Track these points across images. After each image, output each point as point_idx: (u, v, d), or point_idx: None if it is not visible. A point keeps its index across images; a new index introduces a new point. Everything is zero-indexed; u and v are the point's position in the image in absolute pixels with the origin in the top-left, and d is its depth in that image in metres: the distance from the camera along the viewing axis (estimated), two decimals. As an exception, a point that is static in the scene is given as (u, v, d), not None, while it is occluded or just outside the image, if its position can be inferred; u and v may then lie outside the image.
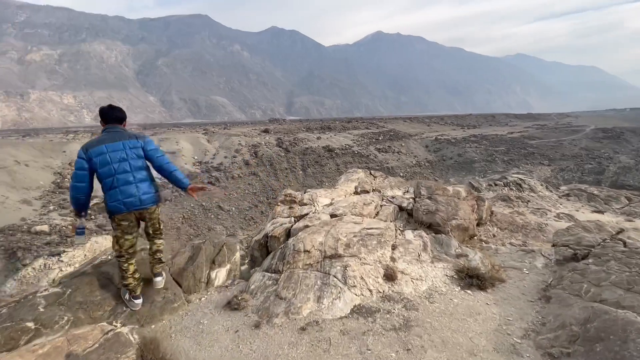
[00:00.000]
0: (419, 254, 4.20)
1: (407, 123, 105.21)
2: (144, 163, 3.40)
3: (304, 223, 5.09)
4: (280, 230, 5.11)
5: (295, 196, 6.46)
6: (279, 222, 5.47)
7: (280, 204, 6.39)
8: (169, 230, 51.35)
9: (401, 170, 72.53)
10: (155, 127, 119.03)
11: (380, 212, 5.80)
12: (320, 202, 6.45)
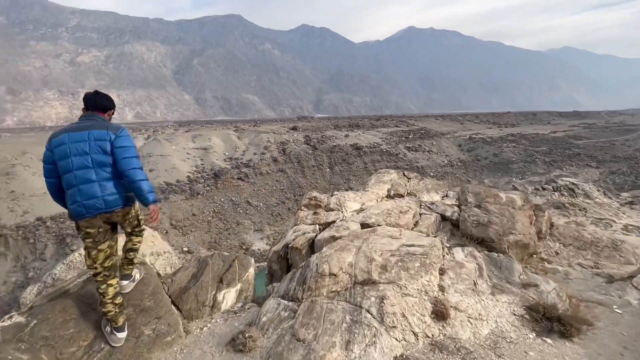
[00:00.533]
0: (474, 282, 3.32)
1: (439, 121, 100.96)
2: (111, 159, 2.83)
3: (330, 233, 4.39)
4: (302, 240, 4.46)
5: (320, 200, 5.78)
6: (302, 230, 4.81)
7: (303, 209, 5.73)
8: (200, 224, 53.09)
9: (431, 169, 69.63)
10: (189, 124, 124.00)
11: (419, 222, 4.95)
12: (349, 207, 5.72)
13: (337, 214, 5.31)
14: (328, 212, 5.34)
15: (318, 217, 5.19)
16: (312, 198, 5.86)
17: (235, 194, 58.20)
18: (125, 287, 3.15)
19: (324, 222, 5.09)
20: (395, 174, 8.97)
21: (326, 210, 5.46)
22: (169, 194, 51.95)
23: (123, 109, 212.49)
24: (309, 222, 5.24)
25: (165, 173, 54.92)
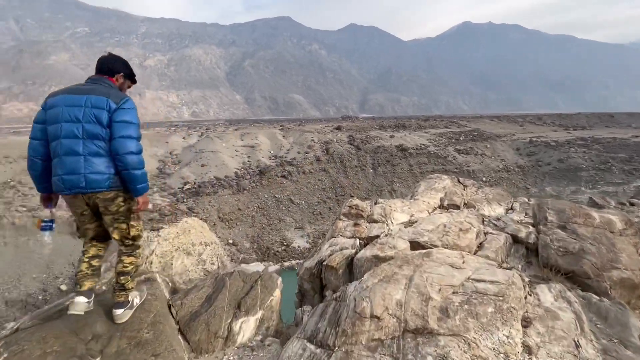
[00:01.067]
0: (575, 343, 2.37)
1: (495, 122, 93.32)
2: (107, 133, 2.40)
3: (373, 252, 3.73)
4: (339, 258, 3.86)
5: (362, 208, 5.12)
6: (339, 245, 4.22)
7: (342, 218, 5.10)
8: (245, 218, 55.10)
9: (484, 174, 64.37)
10: (239, 122, 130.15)
11: (484, 243, 4.03)
12: (396, 218, 5.01)
13: (382, 226, 4.63)
14: (371, 224, 4.70)
15: (359, 230, 4.57)
16: (353, 206, 5.19)
17: (278, 191, 59.44)
18: (121, 317, 2.61)
19: (366, 236, 4.45)
20: (449, 181, 7.95)
21: (369, 222, 4.81)
22: (217, 188, 54.67)
23: (181, 108, 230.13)
24: (348, 235, 4.63)
25: (215, 169, 57.97)
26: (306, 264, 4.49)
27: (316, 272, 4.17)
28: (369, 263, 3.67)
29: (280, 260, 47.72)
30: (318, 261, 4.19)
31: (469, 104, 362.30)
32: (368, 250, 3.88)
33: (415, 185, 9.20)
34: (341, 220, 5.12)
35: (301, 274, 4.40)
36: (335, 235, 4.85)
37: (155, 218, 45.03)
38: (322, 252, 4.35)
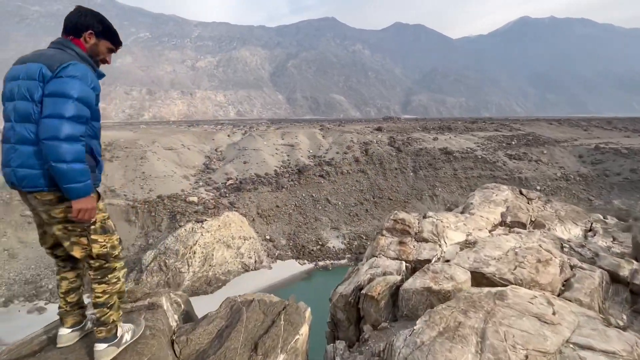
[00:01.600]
0: None
1: (554, 126, 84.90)
2: (40, 110, 1.78)
3: (425, 282, 3.08)
4: (381, 286, 3.24)
5: (409, 223, 4.43)
6: (381, 268, 3.62)
7: (385, 234, 4.44)
8: (282, 215, 55.94)
9: (538, 182, 58.65)
10: (280, 122, 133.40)
11: (573, 281, 3.13)
12: (450, 237, 4.22)
13: (434, 247, 4.00)
14: (420, 244, 4.06)
15: (405, 250, 3.92)
16: (399, 221, 4.50)
17: (315, 191, 59.58)
18: (101, 355, 2.06)
19: (414, 259, 3.84)
20: (510, 192, 6.96)
21: (417, 240, 4.18)
22: (257, 185, 56.25)
23: (227, 107, 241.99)
24: (392, 255, 4.00)
25: (256, 166, 59.72)
26: (341, 290, 3.89)
27: (353, 300, 3.59)
28: (419, 297, 3.03)
29: (314, 259, 47.65)
30: (355, 287, 3.58)
31: (523, 105, 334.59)
32: (418, 280, 3.20)
33: (468, 195, 8.10)
34: (384, 237, 4.46)
35: (335, 301, 3.83)
36: (376, 253, 4.19)
37: (199, 211, 47.45)
38: (360, 276, 3.73)
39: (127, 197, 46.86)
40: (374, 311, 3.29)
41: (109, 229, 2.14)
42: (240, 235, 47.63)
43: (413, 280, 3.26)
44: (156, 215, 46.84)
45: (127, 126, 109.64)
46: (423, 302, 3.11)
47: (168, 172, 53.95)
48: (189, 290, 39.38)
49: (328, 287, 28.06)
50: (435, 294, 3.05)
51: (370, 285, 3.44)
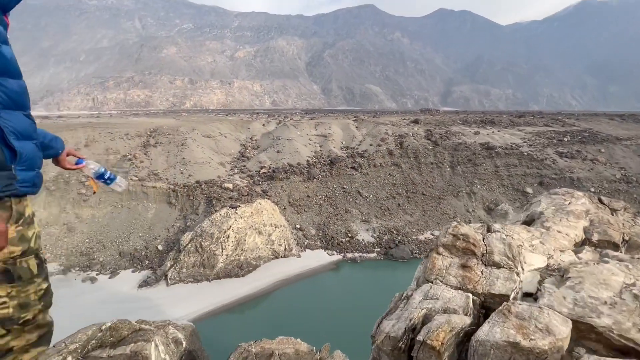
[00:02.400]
0: None
1: (616, 122, 76.73)
2: None
3: (508, 333, 2.47)
4: (445, 333, 2.71)
5: (474, 241, 3.79)
6: (441, 301, 3.08)
7: (442, 252, 3.87)
8: (313, 205, 56.42)
9: (593, 184, 53.83)
10: (314, 112, 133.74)
11: None
12: (528, 261, 3.66)
13: (509, 276, 3.25)
14: (490, 270, 3.42)
15: (471, 277, 3.35)
16: (460, 236, 3.81)
17: (347, 182, 59.50)
18: None
19: (485, 292, 3.13)
20: (587, 199, 5.72)
21: (485, 263, 3.51)
22: (290, 174, 57.34)
23: (263, 97, 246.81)
24: (453, 283, 3.34)
25: (289, 155, 60.76)
26: (387, 328, 3.18)
27: (404, 346, 2.96)
28: (500, 353, 2.30)
29: (343, 250, 47.96)
30: (407, 327, 3.00)
31: (580, 98, 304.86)
32: (498, 328, 2.50)
33: (530, 201, 7.16)
34: (440, 256, 3.73)
35: (379, 343, 3.19)
36: (431, 278, 3.50)
37: (234, 197, 49.48)
38: (412, 309, 3.14)
39: (168, 181, 50.07)
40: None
41: (23, 273, 1.38)
42: (272, 223, 49.11)
43: (490, 329, 2.60)
44: (194, 199, 49.64)
45: (170, 114, 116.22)
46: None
47: (206, 158, 56.70)
48: (222, 273, 41.61)
49: (355, 279, 28.36)
50: (524, 352, 2.33)
51: (428, 329, 2.79)
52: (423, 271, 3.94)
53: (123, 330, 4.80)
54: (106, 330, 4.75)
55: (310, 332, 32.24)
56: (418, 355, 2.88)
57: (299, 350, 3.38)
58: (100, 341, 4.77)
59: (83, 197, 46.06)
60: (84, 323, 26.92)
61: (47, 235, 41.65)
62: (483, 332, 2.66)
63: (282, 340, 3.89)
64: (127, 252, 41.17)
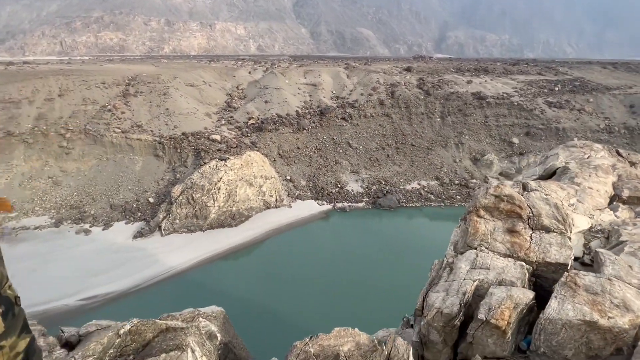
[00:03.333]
0: None
1: (607, 70, 75.94)
2: None
3: (582, 311, 2.34)
4: (509, 311, 2.54)
5: (520, 203, 3.46)
6: (494, 272, 2.86)
7: (484, 215, 3.50)
8: (302, 157, 56.37)
9: (577, 134, 54.95)
10: (303, 59, 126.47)
11: None
12: (577, 222, 3.47)
13: (562, 242, 2.96)
14: (540, 234, 3.13)
15: (521, 244, 3.07)
16: (505, 197, 3.46)
17: (337, 134, 58.90)
18: None
19: (538, 261, 2.91)
20: (606, 152, 5.67)
21: (533, 227, 3.21)
22: (279, 125, 56.12)
23: (248, 42, 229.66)
24: (501, 250, 3.07)
25: (277, 106, 58.81)
26: (437, 303, 2.97)
27: (460, 322, 2.89)
28: (573, 332, 2.14)
29: (333, 200, 49.31)
30: (462, 304, 2.82)
31: (576, 45, 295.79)
32: (569, 306, 2.29)
33: (547, 155, 6.82)
34: (482, 219, 3.38)
35: (430, 320, 2.99)
36: (474, 243, 3.22)
37: (222, 149, 48.71)
38: (461, 281, 2.89)
39: (153, 133, 48.41)
40: (493, 342, 2.57)
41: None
42: (262, 175, 49.30)
43: (560, 306, 2.37)
44: (181, 151, 48.67)
45: (148, 59, 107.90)
46: (577, 341, 2.21)
47: (191, 109, 54.33)
48: (215, 223, 42.65)
49: (345, 227, 29.57)
50: (600, 332, 2.12)
51: (489, 306, 2.59)
52: (461, 235, 3.71)
53: (147, 333, 4.24)
54: (125, 334, 4.17)
55: (303, 278, 34.54)
56: (475, 333, 2.71)
57: (360, 342, 3.47)
58: (121, 349, 4.10)
59: (65, 150, 44.53)
60: (84, 273, 27.61)
61: (33, 189, 40.98)
62: (553, 310, 2.48)
63: (340, 333, 3.84)
64: (118, 205, 41.28)
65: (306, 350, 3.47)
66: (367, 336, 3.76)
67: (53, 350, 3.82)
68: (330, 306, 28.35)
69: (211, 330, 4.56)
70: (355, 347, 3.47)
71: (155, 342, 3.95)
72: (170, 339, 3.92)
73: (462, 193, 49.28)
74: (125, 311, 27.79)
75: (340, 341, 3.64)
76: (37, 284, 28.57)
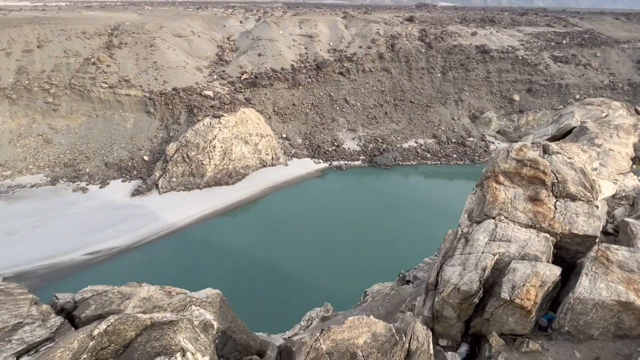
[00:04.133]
0: None
1: (619, 22, 71.99)
2: None
3: (617, 291, 2.18)
4: (535, 289, 2.33)
5: (544, 168, 3.19)
6: (515, 245, 2.65)
7: (502, 180, 3.23)
8: (298, 114, 55.16)
9: (579, 90, 53.81)
10: (298, 6, 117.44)
11: None
12: (604, 188, 3.25)
13: (590, 211, 2.79)
14: (565, 202, 2.94)
15: (544, 213, 2.87)
16: (528, 162, 3.21)
17: (334, 89, 56.92)
18: None
19: (564, 232, 2.71)
20: (625, 110, 5.27)
21: (556, 195, 3.04)
22: (273, 80, 53.88)
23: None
24: (522, 220, 2.88)
25: (271, 59, 55.88)
26: (454, 278, 2.77)
27: (478, 299, 2.75)
28: (604, 312, 2.09)
29: (329, 159, 49.25)
30: (482, 280, 2.61)
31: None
32: (602, 285, 2.17)
33: (561, 113, 6.50)
34: (502, 186, 3.13)
35: (445, 296, 2.81)
36: (492, 213, 2.99)
37: (215, 105, 47.20)
38: (479, 254, 2.66)
39: (142, 89, 46.32)
40: (514, 320, 2.44)
41: None
42: (257, 132, 48.43)
43: (592, 284, 2.25)
44: (173, 108, 47.04)
45: (130, 6, 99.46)
46: (606, 321, 2.14)
47: (180, 62, 51.44)
48: (212, 181, 42.81)
49: (341, 185, 29.74)
50: (635, 312, 2.06)
51: (513, 283, 2.39)
52: (477, 203, 3.28)
53: (128, 332, 3.49)
54: (101, 335, 3.40)
55: (300, 235, 35.66)
56: (495, 312, 2.46)
57: (376, 332, 3.05)
58: (96, 353, 3.42)
59: (52, 106, 42.86)
60: (86, 229, 28.05)
61: (24, 147, 40.17)
62: (584, 289, 2.29)
63: (354, 323, 3.32)
64: (113, 163, 40.91)
65: (317, 348, 2.98)
66: (383, 324, 3.32)
67: (47, 318, 3.55)
68: (327, 261, 29.72)
69: (206, 319, 4.03)
70: (372, 339, 3.05)
71: (137, 343, 3.32)
72: (155, 339, 3.30)
73: (458, 151, 49.33)
74: (129, 266, 29.01)
75: (354, 333, 3.17)
76: (41, 239, 29.30)
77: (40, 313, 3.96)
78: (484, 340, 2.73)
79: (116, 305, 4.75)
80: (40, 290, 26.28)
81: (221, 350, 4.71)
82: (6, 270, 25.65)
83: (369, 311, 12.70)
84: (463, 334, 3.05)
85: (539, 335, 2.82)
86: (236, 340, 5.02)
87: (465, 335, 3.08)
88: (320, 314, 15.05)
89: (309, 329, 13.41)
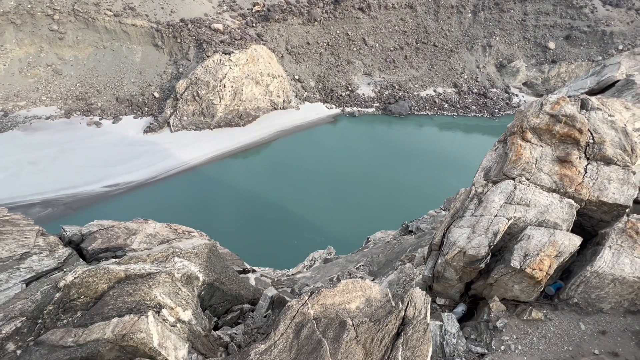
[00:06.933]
0: None
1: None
2: None
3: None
4: (549, 259, 2.10)
5: (581, 125, 2.70)
6: (534, 210, 2.31)
7: (530, 137, 2.76)
8: (313, 54, 52.28)
9: (624, 40, 48.59)
10: None
11: None
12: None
13: (625, 178, 2.46)
14: (597, 166, 2.57)
15: (571, 177, 2.48)
16: (563, 118, 2.72)
17: (352, 28, 52.54)
18: None
19: (591, 199, 2.40)
20: None
21: (589, 158, 2.66)
22: (287, 14, 49.76)
23: None
24: (546, 183, 2.52)
25: (285, -11, 50.81)
26: (461, 241, 2.48)
27: (485, 265, 2.49)
28: (621, 289, 1.91)
29: (342, 104, 47.63)
30: (492, 246, 2.32)
31: None
32: (626, 260, 1.90)
33: (605, 64, 5.81)
34: (528, 143, 2.69)
35: (449, 258, 2.58)
36: (513, 173, 2.59)
37: (225, 41, 44.57)
38: (492, 218, 2.33)
39: (149, 18, 43.61)
40: (520, 288, 2.20)
41: None
42: (269, 73, 46.33)
43: (615, 259, 1.97)
44: (182, 41, 44.66)
45: None
46: (622, 297, 1.87)
47: (187, -12, 47.43)
48: (223, 122, 42.47)
49: (352, 132, 29.32)
50: None
51: (525, 252, 2.13)
52: (497, 161, 2.98)
53: (99, 284, 3.12)
54: (67, 287, 3.08)
55: (309, 178, 36.20)
56: (501, 278, 2.18)
57: (370, 297, 2.76)
58: (64, 305, 3.11)
59: (57, 34, 41.21)
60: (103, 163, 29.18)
61: (35, 77, 39.80)
62: (605, 263, 1.99)
63: (348, 287, 2.92)
64: (124, 98, 40.56)
65: (304, 312, 2.72)
66: (379, 289, 3.00)
67: (55, 249, 3.81)
68: (333, 206, 30.63)
69: (190, 271, 3.74)
70: (365, 304, 2.80)
71: (109, 297, 3.10)
72: (128, 294, 3.05)
73: (478, 103, 46.83)
74: (147, 200, 30.56)
75: (346, 297, 2.90)
76: (62, 170, 30.71)
77: (47, 244, 4.23)
78: (483, 303, 2.61)
79: (122, 240, 5.02)
80: (66, 217, 28.29)
81: (208, 301, 4.59)
82: (33, 197, 27.46)
83: (369, 257, 13.37)
84: (462, 294, 2.91)
85: (544, 303, 2.69)
86: (225, 291, 4.94)
87: (464, 295, 2.95)
88: (323, 256, 16.00)
89: (311, 269, 14.36)
